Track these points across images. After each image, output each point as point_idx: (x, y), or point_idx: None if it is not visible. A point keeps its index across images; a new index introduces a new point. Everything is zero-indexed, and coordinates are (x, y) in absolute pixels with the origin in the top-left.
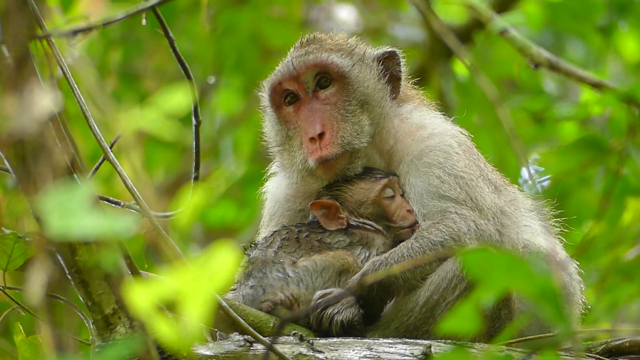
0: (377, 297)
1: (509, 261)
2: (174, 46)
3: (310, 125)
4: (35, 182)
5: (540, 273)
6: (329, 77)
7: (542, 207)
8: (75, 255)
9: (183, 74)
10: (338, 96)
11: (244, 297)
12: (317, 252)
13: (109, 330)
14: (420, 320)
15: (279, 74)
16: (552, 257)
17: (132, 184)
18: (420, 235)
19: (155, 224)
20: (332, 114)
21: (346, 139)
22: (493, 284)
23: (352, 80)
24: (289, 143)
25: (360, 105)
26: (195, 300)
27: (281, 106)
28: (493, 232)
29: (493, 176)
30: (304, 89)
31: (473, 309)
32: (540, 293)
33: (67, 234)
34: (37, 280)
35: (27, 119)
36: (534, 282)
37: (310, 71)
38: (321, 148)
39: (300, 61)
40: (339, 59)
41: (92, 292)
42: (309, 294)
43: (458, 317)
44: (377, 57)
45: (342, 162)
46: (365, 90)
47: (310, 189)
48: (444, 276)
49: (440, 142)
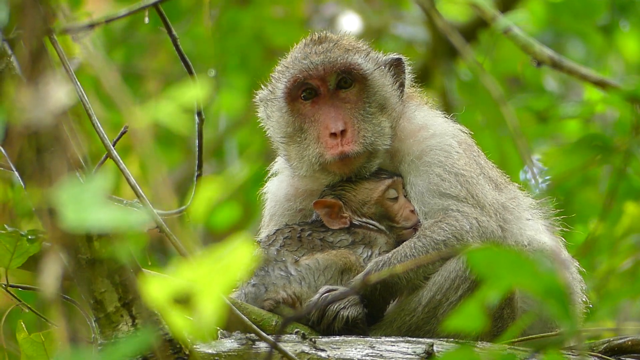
0: (380, 296)
1: (514, 259)
2: (177, 44)
3: (332, 121)
4: (49, 175)
5: (545, 271)
6: (352, 77)
7: (544, 206)
8: (80, 253)
9: (186, 74)
10: (358, 97)
11: (246, 296)
12: (319, 251)
13: (112, 329)
14: (423, 320)
15: (304, 69)
16: (556, 255)
17: (135, 182)
18: (423, 235)
19: (160, 223)
20: (353, 113)
21: (368, 139)
22: (498, 282)
23: (373, 83)
24: (301, 136)
25: (380, 108)
26: (209, 294)
27: (297, 99)
28: (495, 229)
29: (493, 174)
30: (326, 86)
31: (478, 307)
32: (546, 291)
33: (81, 226)
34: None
35: (42, 111)
36: (539, 280)
37: (335, 70)
38: (342, 144)
39: (327, 61)
40: (362, 61)
41: (95, 290)
42: (311, 293)
43: (463, 316)
44: (388, 63)
45: (360, 161)
46: (384, 94)
47: (312, 187)
48: (447, 276)
49: (440, 142)
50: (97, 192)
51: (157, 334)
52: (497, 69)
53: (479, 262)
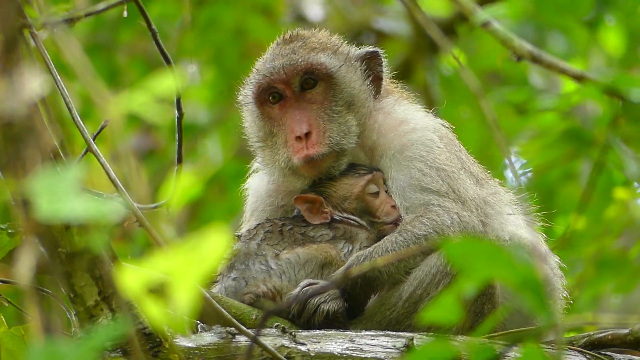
0: (361, 291)
1: (491, 251)
2: (157, 39)
3: (296, 124)
4: (23, 165)
5: (522, 263)
6: (315, 77)
7: (524, 201)
8: (59, 246)
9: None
10: (324, 96)
11: (227, 289)
12: (300, 245)
13: (91, 322)
14: (403, 314)
15: (266, 74)
16: (535, 249)
17: (116, 176)
18: (404, 229)
19: (140, 216)
20: (319, 113)
21: (334, 139)
22: (475, 273)
23: (339, 81)
24: (272, 140)
25: (347, 106)
26: (184, 284)
27: (265, 103)
28: (477, 224)
29: (475, 169)
30: (291, 89)
31: (454, 299)
32: (522, 283)
33: (56, 216)
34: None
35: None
36: (516, 271)
37: (298, 73)
38: (307, 147)
39: (289, 63)
40: (327, 59)
41: (75, 284)
42: (291, 287)
43: (439, 307)
44: (360, 57)
45: (327, 162)
46: (351, 91)
47: (292, 187)
48: (428, 271)
49: (421, 136)
50: (72, 183)
51: (137, 328)
52: (477, 65)
53: (456, 254)
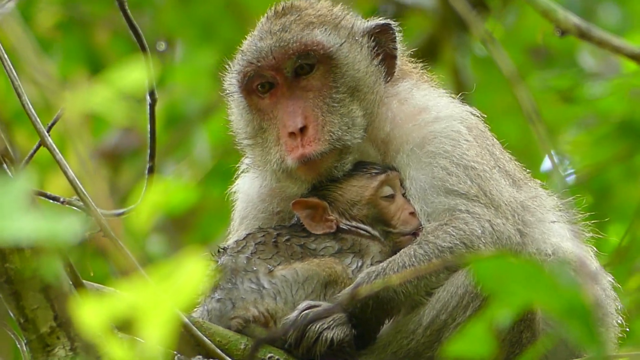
0: (373, 315)
1: (529, 271)
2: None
3: (289, 117)
4: None
5: (568, 283)
6: (312, 60)
7: (571, 206)
8: (6, 262)
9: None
10: (323, 81)
11: (210, 313)
12: (298, 260)
13: (46, 353)
14: (424, 344)
15: (252, 60)
16: (583, 266)
17: (75, 176)
18: (425, 240)
19: (104, 224)
20: (316, 103)
21: (335, 134)
22: (510, 298)
23: (340, 62)
24: (262, 137)
25: (350, 92)
26: (155, 318)
27: (253, 93)
28: (513, 234)
29: (511, 167)
30: (282, 75)
31: (486, 327)
32: (567, 308)
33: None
34: None
35: None
36: (560, 294)
37: (290, 56)
38: (303, 145)
39: (278, 45)
40: (324, 36)
41: (26, 307)
42: (287, 310)
43: (468, 337)
44: (368, 32)
45: (328, 161)
46: (355, 74)
47: (289, 192)
48: (454, 292)
49: (446, 127)
50: (18, 196)
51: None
52: (519, 39)
53: (488, 273)
